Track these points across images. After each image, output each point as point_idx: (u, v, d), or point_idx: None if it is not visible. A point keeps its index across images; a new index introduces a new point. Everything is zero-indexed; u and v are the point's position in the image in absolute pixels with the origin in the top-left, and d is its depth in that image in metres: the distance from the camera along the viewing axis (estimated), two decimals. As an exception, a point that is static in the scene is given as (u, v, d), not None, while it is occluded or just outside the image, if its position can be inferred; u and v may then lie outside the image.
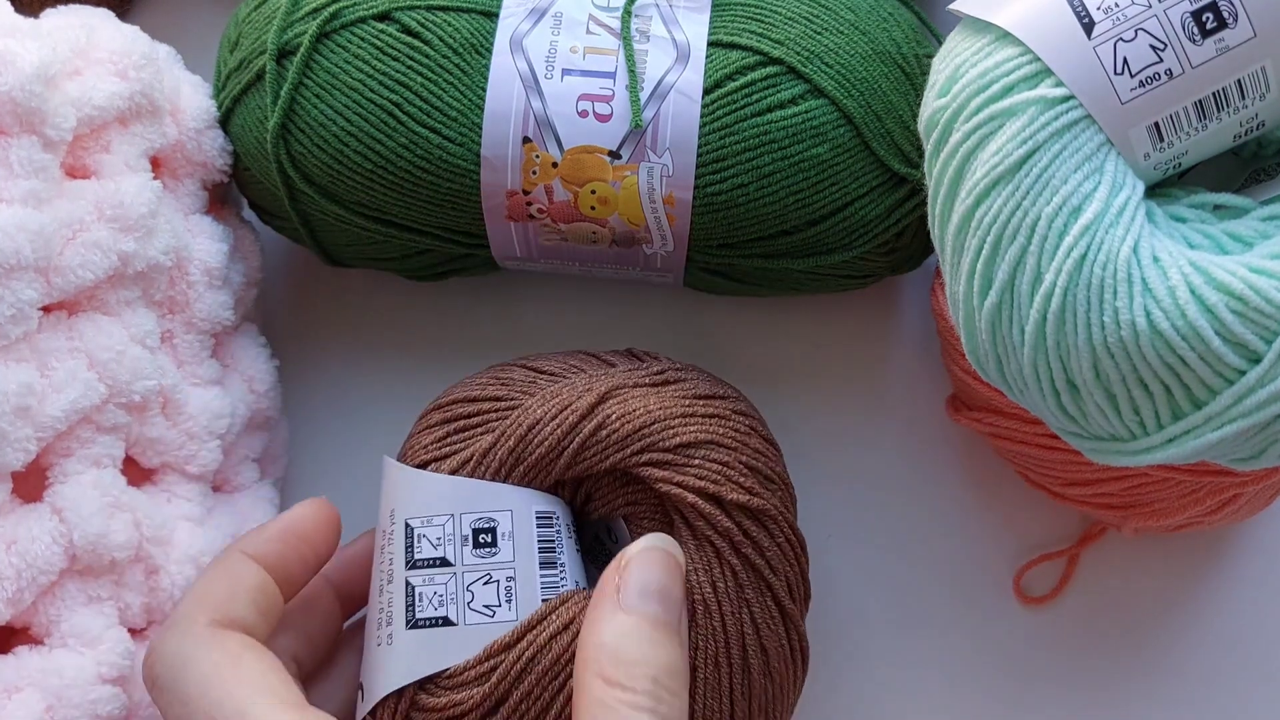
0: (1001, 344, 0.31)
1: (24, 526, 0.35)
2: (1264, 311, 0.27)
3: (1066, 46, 0.30)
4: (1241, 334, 0.27)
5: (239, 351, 0.44)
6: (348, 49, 0.40)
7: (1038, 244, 0.29)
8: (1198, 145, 0.30)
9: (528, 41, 0.40)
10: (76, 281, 0.36)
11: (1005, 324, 0.31)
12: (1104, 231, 0.29)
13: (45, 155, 0.35)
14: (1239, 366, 0.28)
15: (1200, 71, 0.29)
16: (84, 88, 0.37)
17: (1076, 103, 0.29)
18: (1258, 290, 0.27)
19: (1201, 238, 0.30)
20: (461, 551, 0.34)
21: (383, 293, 0.49)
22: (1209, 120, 0.29)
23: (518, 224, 0.41)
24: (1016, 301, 0.30)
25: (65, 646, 0.35)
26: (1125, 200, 0.29)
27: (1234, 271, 0.28)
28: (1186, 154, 0.30)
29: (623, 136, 0.40)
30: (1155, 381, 0.29)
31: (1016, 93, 0.30)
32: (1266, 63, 0.29)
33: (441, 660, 0.33)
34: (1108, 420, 0.30)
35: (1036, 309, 0.29)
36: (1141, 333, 0.28)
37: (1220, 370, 0.28)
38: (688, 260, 0.43)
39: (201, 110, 0.41)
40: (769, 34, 0.40)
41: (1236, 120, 0.30)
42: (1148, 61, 0.29)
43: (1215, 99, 0.29)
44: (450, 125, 0.40)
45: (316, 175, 0.41)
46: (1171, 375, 0.29)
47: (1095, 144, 0.29)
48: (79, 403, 0.36)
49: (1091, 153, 0.29)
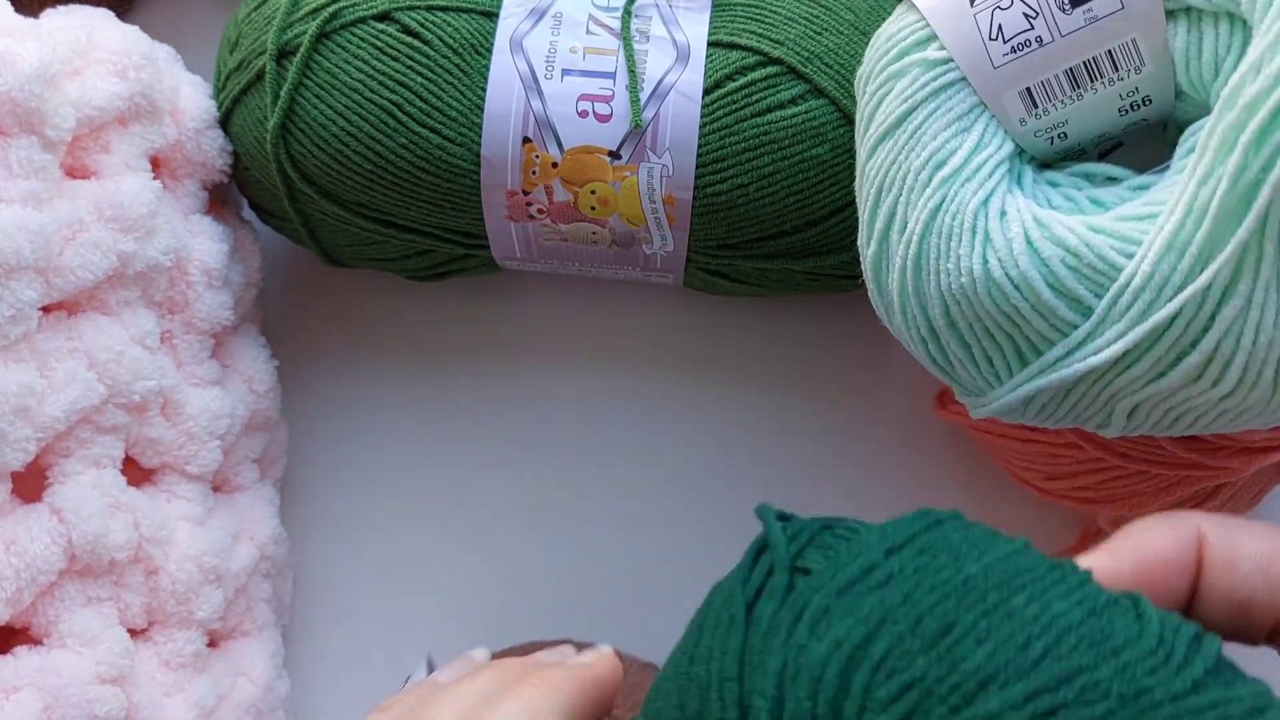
0: (883, 291, 0.33)
1: (23, 527, 0.35)
2: (1096, 268, 0.28)
3: (951, 13, 0.31)
4: (1073, 287, 0.28)
5: (239, 352, 0.44)
6: (347, 49, 0.40)
7: (905, 195, 0.31)
8: (1078, 116, 0.31)
9: (528, 42, 0.40)
10: (76, 282, 0.36)
11: (883, 272, 0.32)
12: (960, 185, 0.30)
13: (45, 155, 0.35)
14: (1071, 320, 0.29)
15: (1070, 40, 0.30)
16: (84, 88, 0.37)
17: (954, 65, 0.31)
18: (1092, 247, 0.28)
19: (1064, 200, 0.30)
20: None
21: (383, 293, 0.49)
22: (1083, 90, 0.30)
23: (517, 224, 0.41)
24: (889, 250, 0.32)
25: (64, 647, 0.35)
26: (987, 158, 0.30)
27: (1074, 228, 0.29)
28: (1067, 123, 0.31)
29: (623, 137, 0.40)
30: (999, 331, 0.30)
31: (907, 55, 0.32)
32: (1136, 35, 0.30)
33: None
34: (968, 371, 0.32)
35: (899, 255, 0.31)
36: (978, 280, 0.29)
37: (1054, 322, 0.29)
38: (688, 260, 0.43)
39: (201, 110, 0.41)
40: (769, 34, 0.40)
41: (1115, 92, 0.30)
42: (1020, 29, 0.30)
43: (1087, 68, 0.30)
44: (450, 125, 0.40)
45: (316, 175, 0.41)
46: (1011, 325, 0.30)
47: (968, 105, 0.31)
48: (79, 403, 0.36)
49: (963, 113, 0.31)
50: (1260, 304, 0.26)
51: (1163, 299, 0.27)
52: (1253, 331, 0.27)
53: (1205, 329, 0.27)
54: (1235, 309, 0.26)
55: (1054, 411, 0.31)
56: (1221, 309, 0.27)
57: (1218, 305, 0.27)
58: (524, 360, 0.49)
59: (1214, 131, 0.26)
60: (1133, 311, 0.27)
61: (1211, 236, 0.26)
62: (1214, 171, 0.26)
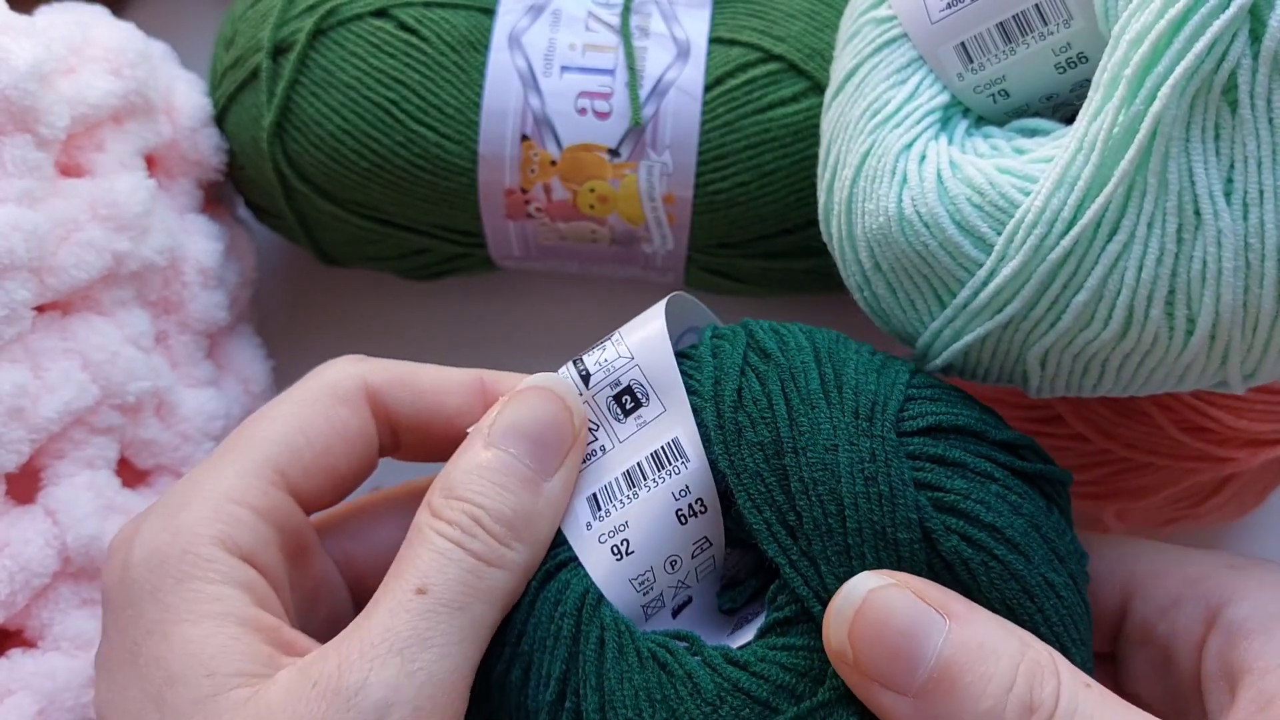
0: (830, 240, 0.34)
1: (17, 529, 0.35)
2: (997, 204, 0.29)
3: None
4: (976, 225, 0.29)
5: (234, 352, 0.44)
6: (344, 46, 0.40)
7: (844, 143, 0.33)
8: (1015, 71, 0.31)
9: (526, 38, 0.40)
10: (70, 281, 0.36)
11: (830, 221, 0.34)
12: (888, 131, 0.31)
13: (39, 154, 0.35)
14: (976, 258, 0.29)
15: None
16: (78, 85, 0.36)
17: (897, 22, 0.32)
18: (995, 185, 0.29)
19: (990, 149, 0.31)
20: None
21: (379, 292, 0.49)
22: (1015, 44, 0.31)
23: (516, 223, 0.41)
24: (834, 197, 0.33)
25: (59, 650, 0.35)
26: (917, 107, 0.32)
27: (983, 169, 0.29)
28: (1005, 79, 0.32)
29: (622, 134, 0.39)
30: (916, 272, 0.31)
31: (863, 16, 0.34)
32: None
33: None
34: (897, 316, 0.32)
35: (838, 199, 0.33)
36: (892, 219, 0.30)
37: (961, 260, 0.29)
38: (688, 259, 0.42)
39: (196, 108, 0.41)
40: (770, 30, 0.40)
41: (1047, 47, 0.31)
42: None
43: (1017, 22, 0.31)
44: (448, 123, 0.39)
45: (312, 173, 0.41)
46: (925, 265, 0.30)
47: (907, 59, 0.32)
48: (72, 404, 0.35)
49: (902, 66, 0.32)
50: (1142, 239, 0.27)
51: (1054, 234, 0.27)
52: (1135, 268, 0.27)
53: (1092, 266, 0.27)
54: (1119, 244, 0.27)
55: (984, 364, 0.31)
56: (1107, 245, 0.27)
57: (1105, 242, 0.27)
58: (522, 361, 0.48)
59: (1105, 69, 0.27)
60: (1027, 246, 0.28)
61: (1099, 171, 0.27)
62: (1103, 108, 0.27)
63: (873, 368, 0.30)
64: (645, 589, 0.30)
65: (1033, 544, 0.28)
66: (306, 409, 0.30)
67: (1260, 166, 0.25)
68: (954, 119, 0.32)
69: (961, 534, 0.27)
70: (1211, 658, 0.29)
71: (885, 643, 0.26)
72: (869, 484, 0.28)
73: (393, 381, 0.32)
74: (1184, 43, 0.25)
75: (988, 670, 0.25)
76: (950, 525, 0.27)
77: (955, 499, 0.28)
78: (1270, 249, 0.26)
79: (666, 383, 0.30)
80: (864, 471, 0.28)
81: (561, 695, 0.28)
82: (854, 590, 0.26)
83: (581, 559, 0.29)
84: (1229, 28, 0.25)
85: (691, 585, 0.31)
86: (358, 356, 0.32)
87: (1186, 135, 0.26)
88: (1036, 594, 0.27)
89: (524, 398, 0.30)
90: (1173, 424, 0.37)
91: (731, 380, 0.30)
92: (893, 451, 0.28)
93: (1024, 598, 0.27)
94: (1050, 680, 0.26)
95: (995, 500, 0.28)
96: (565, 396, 0.30)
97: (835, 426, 0.28)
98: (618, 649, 0.28)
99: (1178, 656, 0.30)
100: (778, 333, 0.31)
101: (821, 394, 0.29)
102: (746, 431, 0.29)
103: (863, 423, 0.28)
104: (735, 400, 0.29)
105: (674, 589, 0.30)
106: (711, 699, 0.27)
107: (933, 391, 0.30)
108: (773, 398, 0.29)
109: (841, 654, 0.26)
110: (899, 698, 0.26)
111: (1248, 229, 0.26)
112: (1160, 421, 0.38)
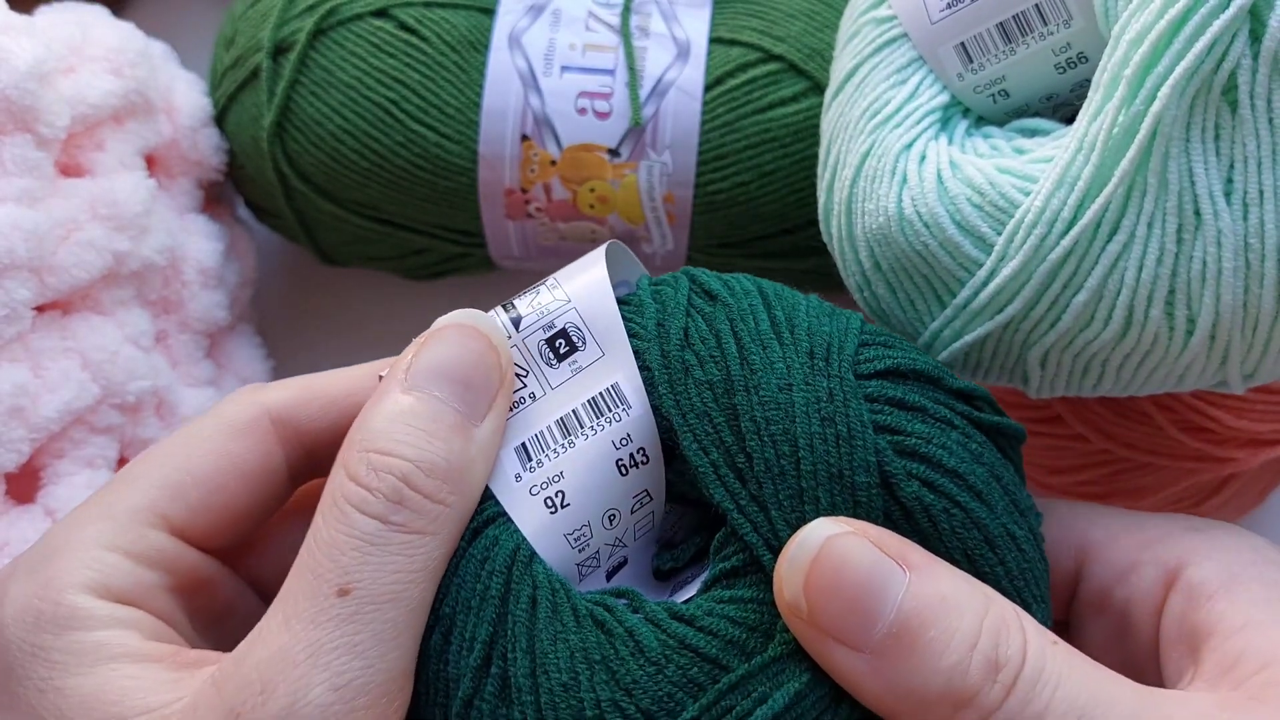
0: (831, 241, 0.34)
1: (17, 528, 0.35)
2: (997, 204, 0.29)
3: None
4: (976, 225, 0.29)
5: (234, 352, 0.44)
6: (344, 46, 0.40)
7: (844, 143, 0.33)
8: (1015, 71, 0.31)
9: (526, 38, 0.40)
10: (70, 281, 0.36)
11: (830, 222, 0.34)
12: (888, 131, 0.31)
13: (39, 153, 0.35)
14: (976, 258, 0.29)
15: None
16: (78, 85, 0.36)
17: (897, 22, 0.32)
18: (995, 185, 0.29)
19: (990, 149, 0.31)
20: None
21: (379, 292, 0.49)
22: (1015, 44, 0.31)
23: (516, 223, 0.41)
24: (834, 197, 0.33)
25: (59, 650, 0.35)
26: (917, 107, 0.32)
27: (983, 169, 0.29)
28: (1005, 79, 0.32)
29: (622, 134, 0.39)
30: (916, 272, 0.31)
31: (863, 16, 0.34)
32: None
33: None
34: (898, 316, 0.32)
35: (838, 199, 0.33)
36: (892, 219, 0.30)
37: (961, 260, 0.29)
38: (688, 259, 0.42)
39: (196, 108, 0.41)
40: (770, 30, 0.40)
41: (1047, 47, 0.31)
42: None
43: (1017, 22, 0.31)
44: (448, 123, 0.39)
45: (312, 173, 0.41)
46: (925, 265, 0.30)
47: (907, 59, 0.32)
48: (72, 403, 0.35)
49: (902, 66, 0.32)
50: (1142, 239, 0.27)
51: (1054, 234, 0.27)
52: (1135, 268, 0.27)
53: (1092, 266, 0.27)
54: (1119, 244, 0.27)
55: (985, 363, 0.31)
56: (1107, 245, 0.27)
57: (1105, 242, 0.27)
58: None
59: (1105, 69, 0.27)
60: (1027, 246, 0.28)
61: (1099, 171, 0.27)
62: (1103, 108, 0.27)
63: (824, 312, 0.29)
64: (581, 545, 0.28)
65: (994, 493, 0.26)
66: (194, 447, 0.28)
67: (1260, 166, 0.26)
68: (954, 119, 0.32)
69: (923, 479, 0.26)
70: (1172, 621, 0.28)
71: (842, 595, 0.24)
72: (825, 424, 0.26)
73: (297, 400, 0.29)
74: (1184, 43, 0.25)
75: (950, 625, 0.23)
76: (911, 470, 0.26)
77: (916, 443, 0.26)
78: (1270, 249, 0.26)
79: (606, 326, 0.28)
80: (820, 411, 0.26)
81: (487, 660, 0.26)
82: (810, 537, 0.24)
83: (511, 513, 0.27)
84: (1229, 28, 0.25)
85: (628, 544, 0.29)
86: (256, 386, 0.30)
87: (1186, 135, 0.26)
88: (999, 545, 0.26)
89: (444, 335, 0.27)
90: (1172, 424, 0.37)
91: (677, 319, 0.28)
92: (851, 392, 0.26)
93: (985, 548, 0.26)
94: (1016, 636, 0.24)
95: (957, 447, 0.27)
96: (490, 334, 0.27)
97: (789, 366, 0.27)
98: (551, 608, 0.26)
99: (1135, 622, 0.29)
100: (721, 278, 0.29)
101: (773, 334, 0.27)
102: (694, 369, 0.27)
103: (819, 362, 0.27)
104: (682, 339, 0.28)
105: (610, 546, 0.29)
106: (656, 658, 0.25)
107: (886, 338, 0.29)
108: (721, 336, 0.27)
109: (795, 606, 0.24)
110: (855, 654, 0.24)
111: (1248, 229, 0.26)
112: (1160, 421, 0.38)
